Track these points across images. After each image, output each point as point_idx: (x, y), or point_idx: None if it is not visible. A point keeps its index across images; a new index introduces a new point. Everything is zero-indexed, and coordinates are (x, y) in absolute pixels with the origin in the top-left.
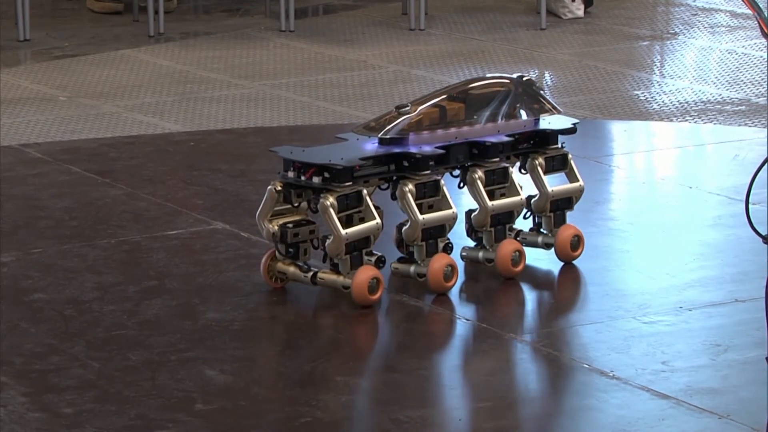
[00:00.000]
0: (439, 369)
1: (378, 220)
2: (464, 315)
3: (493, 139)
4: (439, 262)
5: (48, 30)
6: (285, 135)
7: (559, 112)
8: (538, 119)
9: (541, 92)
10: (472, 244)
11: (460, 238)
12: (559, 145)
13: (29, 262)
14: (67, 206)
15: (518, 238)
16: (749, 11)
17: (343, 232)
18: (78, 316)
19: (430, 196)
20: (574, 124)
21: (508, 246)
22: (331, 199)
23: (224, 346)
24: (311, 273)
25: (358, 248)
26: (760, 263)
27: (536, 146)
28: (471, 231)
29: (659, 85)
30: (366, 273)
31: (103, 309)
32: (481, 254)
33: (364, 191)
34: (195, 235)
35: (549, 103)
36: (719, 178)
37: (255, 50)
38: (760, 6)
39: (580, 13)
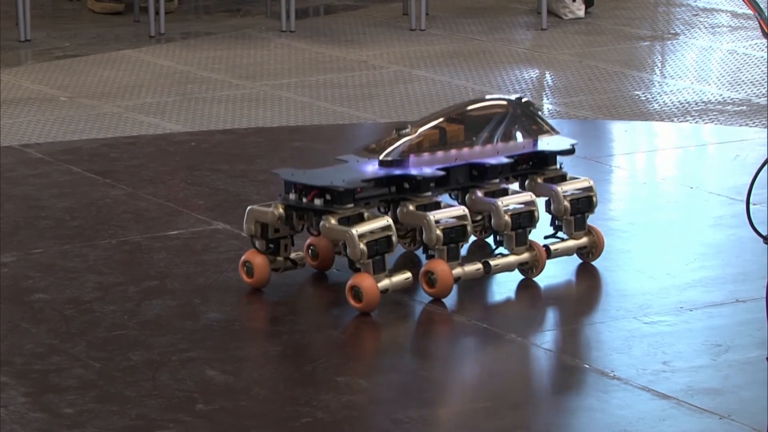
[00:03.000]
0: (439, 369)
1: (387, 219)
2: (464, 315)
3: (493, 161)
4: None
5: (49, 30)
6: (286, 135)
7: (557, 134)
8: (537, 140)
9: (540, 113)
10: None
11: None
12: (558, 166)
13: (30, 262)
14: (67, 206)
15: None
16: (750, 11)
17: (354, 230)
18: (79, 316)
19: None
20: (572, 145)
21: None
22: (332, 221)
23: (225, 346)
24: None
25: (381, 252)
26: (761, 263)
27: (535, 167)
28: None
29: (660, 85)
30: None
31: (103, 309)
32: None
33: (366, 213)
34: (196, 236)
35: (547, 124)
36: (720, 178)
37: (256, 50)
38: (761, 6)
39: (581, 13)
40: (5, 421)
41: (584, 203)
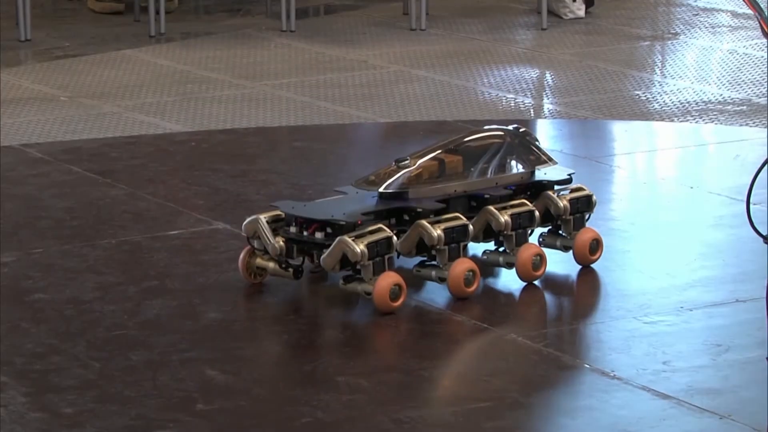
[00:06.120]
0: (439, 369)
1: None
2: (465, 315)
3: (491, 192)
4: (385, 279)
5: (49, 30)
6: (286, 135)
7: (554, 163)
8: (534, 171)
9: (537, 143)
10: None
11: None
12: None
13: (30, 262)
14: (67, 206)
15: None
16: (750, 11)
17: (358, 249)
18: (79, 316)
19: None
20: (569, 174)
21: (528, 250)
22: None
23: (225, 346)
24: (292, 269)
25: (381, 254)
26: (761, 263)
27: (533, 197)
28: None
29: (660, 85)
30: (387, 280)
31: (103, 309)
32: (434, 273)
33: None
34: (196, 235)
35: (545, 154)
36: (720, 178)
37: (256, 50)
38: (761, 6)
39: (581, 13)
40: (5, 421)
41: (583, 203)
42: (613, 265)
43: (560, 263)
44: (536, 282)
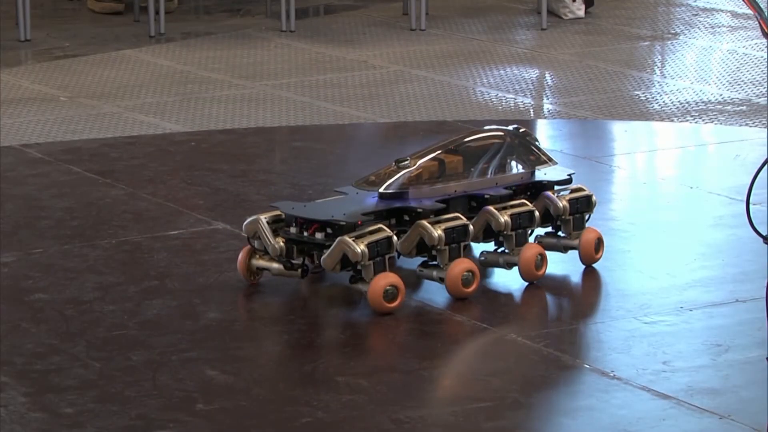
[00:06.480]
0: (439, 369)
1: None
2: (465, 315)
3: (492, 192)
4: (381, 280)
5: (49, 30)
6: (286, 135)
7: (554, 164)
8: (534, 171)
9: (537, 143)
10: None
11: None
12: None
13: (30, 262)
14: (67, 206)
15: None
16: (750, 11)
17: (358, 249)
18: (79, 316)
19: None
20: (569, 174)
21: (531, 250)
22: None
23: (225, 346)
24: (299, 268)
25: (381, 254)
26: (761, 263)
27: (533, 198)
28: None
29: (660, 85)
30: (382, 281)
31: (103, 309)
32: (435, 273)
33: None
34: (196, 235)
35: (545, 154)
36: (720, 178)
37: (256, 50)
38: (761, 6)
39: (581, 13)
40: (5, 421)
41: (583, 203)
42: (613, 265)
43: (560, 263)
44: (536, 282)
